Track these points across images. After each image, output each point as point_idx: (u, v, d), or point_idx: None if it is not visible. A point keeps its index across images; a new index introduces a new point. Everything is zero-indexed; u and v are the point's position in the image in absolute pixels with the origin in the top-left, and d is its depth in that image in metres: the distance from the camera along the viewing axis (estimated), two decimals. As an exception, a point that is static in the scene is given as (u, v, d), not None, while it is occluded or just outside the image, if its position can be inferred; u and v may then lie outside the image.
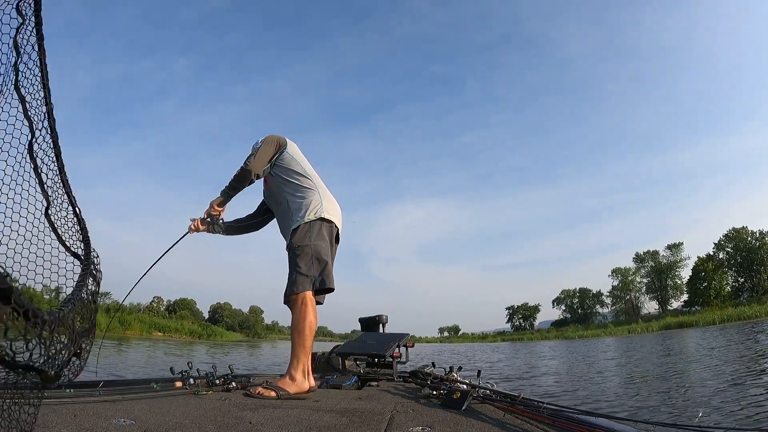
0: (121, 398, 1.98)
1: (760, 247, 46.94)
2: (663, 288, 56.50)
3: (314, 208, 2.58)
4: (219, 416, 1.67)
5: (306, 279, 2.43)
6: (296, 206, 2.62)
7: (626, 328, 43.58)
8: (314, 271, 2.46)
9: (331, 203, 2.69)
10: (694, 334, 21.57)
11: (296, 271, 2.45)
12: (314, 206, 2.58)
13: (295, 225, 2.56)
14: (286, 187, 2.67)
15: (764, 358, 8.14)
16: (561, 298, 68.82)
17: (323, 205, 2.61)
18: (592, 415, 1.57)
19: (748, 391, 4.93)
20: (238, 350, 24.40)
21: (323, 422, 1.63)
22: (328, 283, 2.49)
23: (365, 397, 2.29)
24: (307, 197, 2.62)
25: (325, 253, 2.51)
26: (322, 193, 2.67)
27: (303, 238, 2.50)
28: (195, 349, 23.02)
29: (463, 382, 2.35)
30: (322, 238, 2.53)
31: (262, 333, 74.06)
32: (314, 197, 2.61)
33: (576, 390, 6.63)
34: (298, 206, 2.61)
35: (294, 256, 2.49)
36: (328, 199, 2.68)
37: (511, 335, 67.28)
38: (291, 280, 2.47)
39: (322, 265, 2.48)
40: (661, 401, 5.02)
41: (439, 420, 1.67)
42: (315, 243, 2.50)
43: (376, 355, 3.31)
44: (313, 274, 2.45)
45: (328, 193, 2.73)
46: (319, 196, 2.63)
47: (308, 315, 2.39)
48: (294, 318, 2.42)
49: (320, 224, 2.56)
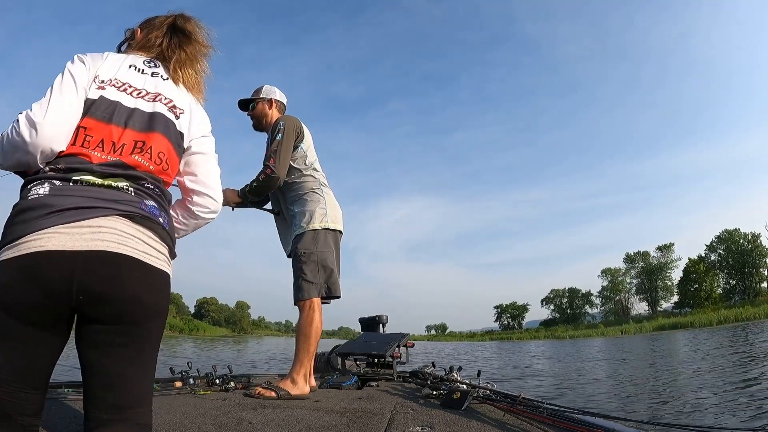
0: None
1: (752, 250, 47.59)
2: (653, 289, 57.29)
3: (320, 216, 2.56)
4: (219, 416, 1.70)
5: (312, 286, 2.45)
6: (300, 211, 2.59)
7: (618, 329, 43.97)
8: (320, 279, 2.47)
9: (335, 208, 2.66)
10: (691, 336, 21.78)
11: (302, 278, 2.46)
12: (320, 214, 2.56)
13: (300, 231, 2.55)
14: (290, 189, 2.64)
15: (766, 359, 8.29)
16: (550, 298, 69.44)
17: (328, 213, 2.59)
18: (591, 415, 1.62)
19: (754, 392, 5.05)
20: (219, 346, 24.15)
21: (323, 422, 1.66)
22: (334, 291, 2.52)
23: (365, 397, 2.32)
24: (312, 201, 2.58)
25: (330, 261, 2.52)
26: (328, 198, 2.64)
27: (308, 245, 2.50)
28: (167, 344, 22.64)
29: (463, 382, 2.39)
30: (327, 246, 2.54)
31: (248, 329, 73.72)
32: (320, 203, 2.59)
33: (576, 391, 6.74)
34: (302, 211, 2.58)
35: (299, 263, 2.49)
36: (332, 205, 2.65)
37: (500, 334, 67.87)
38: (297, 285, 2.48)
39: (328, 272, 2.50)
40: (662, 402, 5.13)
41: (439, 420, 1.70)
42: (321, 251, 2.50)
43: (376, 355, 3.35)
44: (319, 282, 2.47)
45: (331, 195, 2.69)
46: (325, 202, 2.60)
47: (315, 320, 2.43)
48: (301, 322, 2.45)
49: (325, 233, 2.56)
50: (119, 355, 1.07)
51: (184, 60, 1.29)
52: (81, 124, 1.09)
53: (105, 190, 1.08)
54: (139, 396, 1.10)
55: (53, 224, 1.00)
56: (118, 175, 1.09)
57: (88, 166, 1.06)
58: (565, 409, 1.70)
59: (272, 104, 2.78)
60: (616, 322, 52.17)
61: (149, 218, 1.11)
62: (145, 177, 1.14)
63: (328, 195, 2.67)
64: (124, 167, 1.10)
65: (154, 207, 1.15)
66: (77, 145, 1.08)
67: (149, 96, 1.19)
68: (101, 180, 1.07)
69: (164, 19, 1.33)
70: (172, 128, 1.20)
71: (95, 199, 1.05)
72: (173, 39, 1.30)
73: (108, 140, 1.10)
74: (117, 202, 1.07)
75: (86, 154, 1.07)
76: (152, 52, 1.28)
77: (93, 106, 1.11)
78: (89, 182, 1.06)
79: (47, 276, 0.99)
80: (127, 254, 1.05)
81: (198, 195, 1.30)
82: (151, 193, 1.14)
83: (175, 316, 58.23)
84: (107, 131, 1.10)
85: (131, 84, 1.18)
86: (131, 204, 1.09)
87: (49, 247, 0.99)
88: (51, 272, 0.99)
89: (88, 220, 1.03)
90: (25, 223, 1.00)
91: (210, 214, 1.34)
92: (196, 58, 1.32)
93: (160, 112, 1.18)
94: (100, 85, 1.14)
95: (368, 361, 3.51)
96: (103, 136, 1.10)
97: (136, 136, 1.13)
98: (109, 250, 1.03)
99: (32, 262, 0.99)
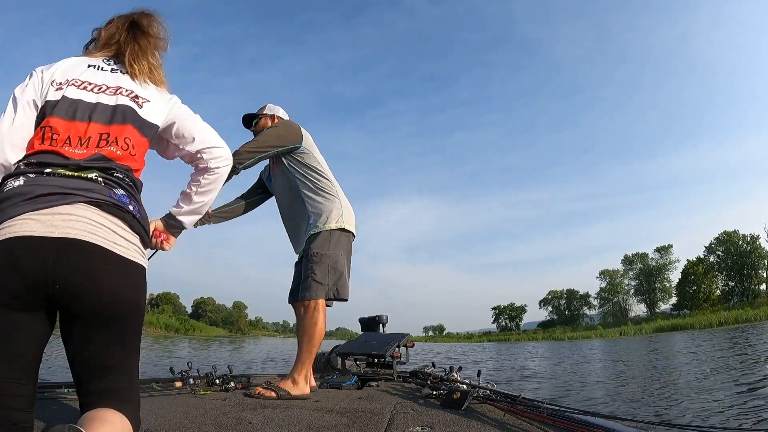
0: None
1: (751, 252, 47.71)
2: (651, 291, 57.50)
3: (336, 216, 2.57)
4: (219, 416, 1.70)
5: (320, 287, 2.45)
6: (316, 210, 2.59)
7: (617, 330, 44.09)
8: (329, 281, 2.48)
9: (349, 210, 2.66)
10: (691, 338, 21.74)
11: (311, 278, 2.47)
12: (336, 215, 2.57)
13: (315, 231, 2.55)
14: (304, 187, 2.64)
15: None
16: (548, 299, 69.62)
17: (344, 214, 2.60)
18: (592, 415, 1.63)
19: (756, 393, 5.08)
20: (215, 346, 24.07)
21: (323, 422, 1.66)
22: (342, 294, 2.52)
23: (365, 397, 2.33)
24: (328, 201, 2.59)
25: (341, 263, 2.53)
26: (342, 199, 2.65)
27: (322, 246, 2.50)
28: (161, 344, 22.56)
29: (463, 382, 2.39)
30: (341, 248, 2.55)
31: (245, 329, 73.68)
32: (335, 204, 2.60)
33: (576, 391, 6.75)
34: (318, 211, 2.58)
35: (311, 262, 2.49)
36: (346, 207, 2.65)
37: (498, 335, 67.94)
38: (305, 284, 2.48)
39: (338, 275, 2.51)
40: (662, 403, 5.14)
41: (439, 420, 1.71)
42: (333, 252, 2.51)
43: (376, 355, 3.36)
44: (328, 283, 2.48)
45: (344, 197, 2.70)
46: (340, 203, 2.62)
47: (319, 322, 2.44)
48: (305, 323, 2.46)
49: (339, 234, 2.57)
50: (99, 348, 1.14)
51: (137, 52, 1.34)
52: (46, 124, 1.17)
53: (76, 180, 1.14)
54: (125, 384, 1.17)
55: (24, 211, 1.06)
56: (88, 167, 1.16)
57: (59, 160, 1.14)
58: (566, 409, 1.71)
59: (274, 120, 2.80)
60: (614, 324, 52.33)
61: (118, 206, 1.17)
62: (114, 167, 1.21)
63: (343, 196, 2.68)
64: (93, 159, 1.17)
65: (123, 195, 1.20)
66: (46, 144, 1.15)
67: (110, 90, 1.25)
68: (71, 172, 1.14)
69: (125, 17, 1.40)
70: (137, 117, 1.26)
71: (65, 188, 1.11)
72: (129, 33, 1.36)
73: (75, 136, 1.17)
74: (86, 191, 1.13)
75: (57, 150, 1.15)
76: (112, 49, 1.36)
77: (57, 106, 1.19)
78: (61, 174, 1.13)
79: (21, 261, 1.04)
80: (98, 244, 1.11)
81: (205, 152, 1.36)
82: (120, 182, 1.20)
83: (171, 316, 58.10)
84: (73, 127, 1.17)
85: (91, 81, 1.25)
86: (100, 192, 1.15)
87: (21, 232, 1.05)
88: (25, 257, 1.04)
89: (57, 206, 1.09)
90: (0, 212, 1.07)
91: (225, 162, 1.40)
92: (148, 50, 1.37)
93: (122, 104, 1.24)
94: (59, 87, 1.22)
95: (368, 361, 3.52)
96: (70, 132, 1.17)
97: (101, 128, 1.19)
98: (79, 238, 1.09)
99: (6, 247, 1.04)
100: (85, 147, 1.17)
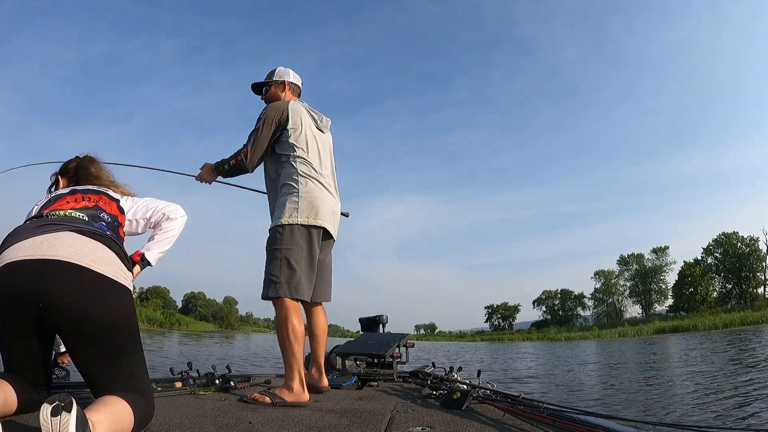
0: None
1: (749, 254, 47.87)
2: (647, 292, 57.60)
3: (290, 210, 2.41)
4: (219, 416, 1.73)
5: (276, 284, 2.31)
6: (278, 203, 2.48)
7: (616, 331, 43.95)
8: (283, 278, 2.32)
9: (314, 202, 2.44)
10: (692, 340, 21.75)
11: (266, 274, 2.37)
12: (290, 209, 2.41)
13: (272, 224, 2.44)
14: (274, 178, 2.59)
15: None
16: (542, 299, 69.47)
17: (301, 207, 2.41)
18: (592, 415, 1.67)
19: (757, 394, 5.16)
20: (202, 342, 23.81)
21: (323, 422, 1.70)
22: (297, 294, 2.33)
23: (365, 397, 2.37)
24: (286, 194, 2.45)
25: (295, 258, 2.35)
26: (306, 189, 2.45)
27: (274, 240, 2.39)
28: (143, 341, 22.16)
29: (463, 382, 2.44)
30: (295, 243, 2.37)
31: (235, 324, 73.39)
32: (293, 195, 2.43)
33: (576, 392, 6.82)
34: (278, 204, 2.47)
35: (266, 258, 2.41)
36: (310, 198, 2.44)
37: (491, 335, 67.92)
38: (263, 283, 2.38)
39: (291, 272, 2.33)
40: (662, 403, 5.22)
41: (439, 420, 1.75)
42: (286, 247, 2.36)
43: (376, 355, 3.38)
44: (282, 280, 2.32)
45: (315, 186, 2.49)
46: (298, 194, 2.43)
47: (288, 319, 2.28)
48: (276, 323, 2.34)
49: (292, 228, 2.38)
50: (92, 361, 1.36)
51: (90, 173, 1.94)
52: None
53: (66, 217, 1.55)
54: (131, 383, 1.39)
55: (21, 239, 1.36)
56: (80, 209, 1.63)
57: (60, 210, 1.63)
58: (565, 409, 1.75)
59: (285, 87, 2.74)
60: (610, 325, 52.45)
61: (97, 232, 1.49)
62: (103, 212, 1.66)
63: (308, 186, 2.46)
64: (85, 208, 1.65)
65: (103, 225, 1.57)
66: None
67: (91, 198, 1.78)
68: (65, 212, 1.59)
69: (71, 163, 1.99)
70: (112, 205, 1.78)
71: (56, 221, 1.49)
72: (79, 170, 1.95)
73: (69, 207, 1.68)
74: (72, 222, 1.49)
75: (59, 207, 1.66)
76: (72, 182, 1.93)
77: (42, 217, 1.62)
78: (57, 215, 1.57)
79: (14, 282, 1.29)
80: (80, 264, 1.34)
81: (165, 217, 1.92)
82: (102, 218, 1.62)
83: (157, 309, 57.51)
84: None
85: (76, 200, 1.75)
86: (84, 223, 1.52)
87: (16, 257, 1.31)
88: (17, 279, 1.29)
89: (45, 234, 1.38)
90: (5, 243, 1.40)
91: (181, 217, 1.98)
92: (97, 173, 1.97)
93: (98, 205, 1.73)
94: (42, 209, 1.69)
95: (368, 361, 3.54)
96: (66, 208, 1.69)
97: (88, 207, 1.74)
98: (62, 259, 1.32)
99: (5, 271, 1.31)
100: (78, 204, 1.77)
